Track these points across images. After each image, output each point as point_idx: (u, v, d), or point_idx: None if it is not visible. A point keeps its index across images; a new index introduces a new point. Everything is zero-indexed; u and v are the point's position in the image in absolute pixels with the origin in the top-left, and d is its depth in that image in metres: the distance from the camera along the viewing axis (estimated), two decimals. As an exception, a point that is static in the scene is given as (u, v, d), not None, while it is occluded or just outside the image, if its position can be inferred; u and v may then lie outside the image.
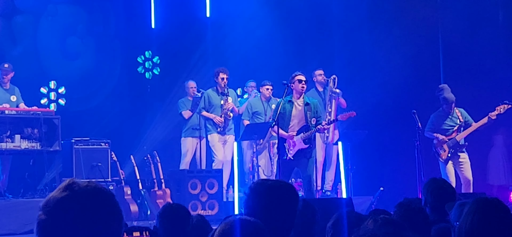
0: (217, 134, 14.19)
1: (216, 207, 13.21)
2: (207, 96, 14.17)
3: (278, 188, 4.29)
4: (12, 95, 13.24)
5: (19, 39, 15.47)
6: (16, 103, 13.16)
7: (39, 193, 12.86)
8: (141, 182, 13.68)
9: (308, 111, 12.01)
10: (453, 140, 13.65)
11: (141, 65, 16.77)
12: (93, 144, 13.49)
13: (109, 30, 16.26)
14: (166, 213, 5.74)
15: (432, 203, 5.96)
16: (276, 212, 4.10)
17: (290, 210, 4.23)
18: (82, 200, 2.43)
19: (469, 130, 13.63)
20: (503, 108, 13.44)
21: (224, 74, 14.08)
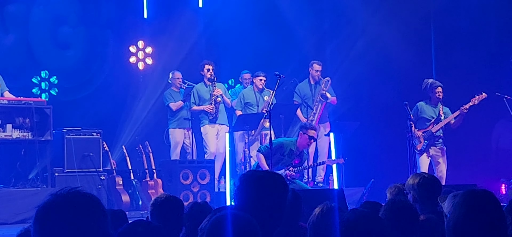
0: (210, 125, 14.19)
1: (208, 197, 13.20)
2: (196, 91, 14.18)
3: (268, 179, 4.29)
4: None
5: (11, 28, 15.42)
6: (1, 92, 13.10)
7: (30, 183, 12.83)
8: (132, 172, 13.68)
9: None
10: (429, 132, 13.74)
11: (133, 55, 16.72)
12: (84, 134, 13.47)
13: (101, 19, 16.21)
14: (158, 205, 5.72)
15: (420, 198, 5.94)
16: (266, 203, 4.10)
17: (280, 201, 4.23)
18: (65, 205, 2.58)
19: (443, 122, 13.75)
20: (477, 99, 13.56)
21: (210, 65, 14.11)
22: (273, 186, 4.25)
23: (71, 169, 13.07)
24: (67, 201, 2.57)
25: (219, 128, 14.31)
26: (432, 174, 6.50)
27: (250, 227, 3.54)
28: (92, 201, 2.61)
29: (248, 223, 3.55)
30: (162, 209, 5.58)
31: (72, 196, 2.59)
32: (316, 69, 14.75)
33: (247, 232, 3.52)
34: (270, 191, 4.20)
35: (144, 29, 16.79)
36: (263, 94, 14.47)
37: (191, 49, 16.18)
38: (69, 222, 2.53)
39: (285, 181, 4.39)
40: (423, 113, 13.87)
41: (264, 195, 4.15)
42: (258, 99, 14.44)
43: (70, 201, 2.57)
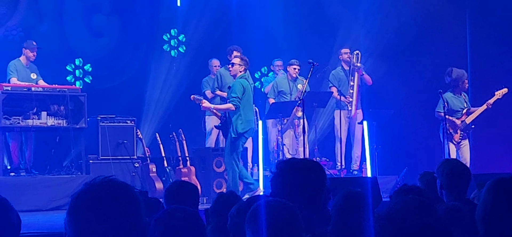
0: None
1: (241, 185, 13.21)
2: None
3: (304, 166, 4.27)
4: (32, 73, 13.29)
5: (46, 16, 15.52)
6: (35, 80, 13.21)
7: (65, 170, 12.95)
8: (166, 159, 13.73)
9: None
10: (464, 122, 13.67)
11: (166, 43, 16.77)
12: (119, 121, 13.55)
13: (135, 7, 16.27)
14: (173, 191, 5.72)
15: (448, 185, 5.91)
16: (302, 190, 4.09)
17: (317, 188, 4.21)
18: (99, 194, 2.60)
19: (476, 114, 13.67)
20: (500, 94, 13.48)
21: (237, 51, 14.07)
22: (309, 173, 4.24)
23: (105, 157, 13.15)
24: (101, 190, 2.59)
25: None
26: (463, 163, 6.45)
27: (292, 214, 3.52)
28: (125, 190, 2.62)
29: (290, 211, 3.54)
30: (177, 195, 5.58)
31: (105, 185, 2.60)
32: (345, 52, 14.75)
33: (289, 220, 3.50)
34: (307, 178, 4.19)
35: (177, 17, 16.82)
36: (296, 82, 14.45)
37: (224, 37, 16.18)
38: (103, 211, 2.54)
39: (322, 168, 4.38)
40: (452, 105, 13.78)
41: (301, 182, 4.14)
42: (292, 87, 14.42)
43: (104, 190, 2.59)
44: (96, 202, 2.56)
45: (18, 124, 12.44)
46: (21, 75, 13.08)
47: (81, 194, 2.59)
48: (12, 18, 15.17)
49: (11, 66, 13.11)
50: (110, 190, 2.60)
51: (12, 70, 13.07)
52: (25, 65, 13.24)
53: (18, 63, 13.19)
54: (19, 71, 13.10)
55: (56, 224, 9.40)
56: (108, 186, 2.61)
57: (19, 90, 12.52)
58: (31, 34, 14.46)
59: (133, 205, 2.61)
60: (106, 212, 2.55)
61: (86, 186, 2.61)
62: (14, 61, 13.20)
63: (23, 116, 12.49)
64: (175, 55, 16.76)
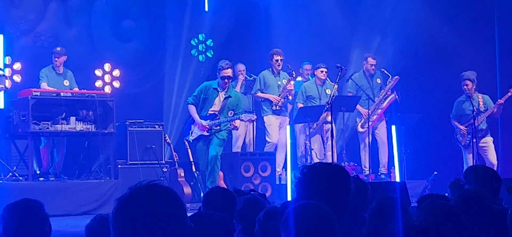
0: (273, 115, 14.18)
1: (269, 190, 13.21)
2: (262, 77, 14.18)
3: (328, 171, 4.26)
4: (65, 79, 13.36)
5: (74, 21, 15.61)
6: (69, 87, 13.29)
7: (93, 175, 13.01)
8: (194, 164, 13.73)
9: (225, 104, 12.21)
10: (472, 125, 13.58)
11: (194, 48, 16.80)
12: (147, 126, 13.60)
13: (163, 13, 16.33)
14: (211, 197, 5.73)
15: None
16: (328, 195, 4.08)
17: (343, 192, 4.20)
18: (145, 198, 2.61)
19: (485, 115, 13.64)
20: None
21: (278, 56, 14.09)
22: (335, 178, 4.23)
23: (134, 161, 13.20)
24: (147, 194, 2.60)
25: (282, 119, 14.28)
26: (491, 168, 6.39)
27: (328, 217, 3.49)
28: (170, 194, 2.64)
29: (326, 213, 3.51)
30: (215, 201, 5.58)
31: (151, 189, 2.62)
32: (371, 63, 14.70)
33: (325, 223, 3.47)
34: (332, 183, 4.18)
35: (204, 22, 16.85)
36: (325, 86, 14.41)
37: (251, 41, 16.19)
38: (149, 214, 2.55)
39: (347, 173, 4.37)
40: (459, 109, 13.77)
41: (326, 187, 4.13)
42: (320, 92, 14.39)
43: (150, 194, 2.60)
44: (142, 205, 2.58)
45: (47, 129, 12.51)
46: (52, 81, 13.18)
47: (127, 198, 2.61)
48: (41, 24, 15.27)
49: (42, 72, 13.21)
50: (156, 194, 2.61)
51: (42, 76, 13.17)
52: (58, 71, 13.32)
53: (49, 70, 13.28)
54: (50, 77, 13.19)
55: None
56: (154, 190, 2.62)
57: (48, 95, 12.59)
58: (60, 39, 14.55)
59: (178, 210, 2.63)
60: (152, 216, 2.56)
61: (132, 190, 2.62)
62: (45, 68, 13.31)
63: (52, 121, 12.56)
64: (203, 59, 16.79)
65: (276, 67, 14.11)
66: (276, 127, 14.26)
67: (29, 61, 14.42)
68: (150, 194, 2.60)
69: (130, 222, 2.56)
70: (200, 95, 12.14)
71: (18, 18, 15.00)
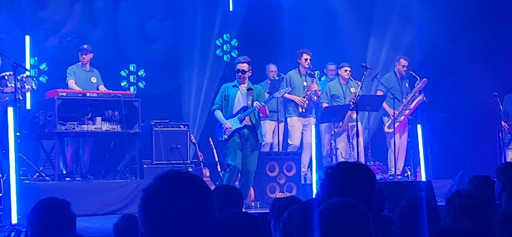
0: (297, 117, 14.15)
1: (294, 189, 13.20)
2: (289, 78, 14.13)
3: (354, 170, 4.27)
4: (92, 77, 13.43)
5: (100, 22, 15.70)
6: (96, 84, 13.36)
7: (119, 175, 13.06)
8: (219, 164, 13.75)
9: (249, 95, 11.82)
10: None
11: (219, 48, 16.83)
12: (172, 126, 13.63)
13: (188, 13, 16.36)
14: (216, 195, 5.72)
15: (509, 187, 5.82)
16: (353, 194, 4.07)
17: (367, 191, 4.20)
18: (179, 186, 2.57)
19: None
20: None
21: (308, 55, 14.04)
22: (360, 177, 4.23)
23: (159, 161, 13.24)
24: (177, 181, 2.56)
25: (307, 120, 14.24)
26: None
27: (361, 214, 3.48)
28: (200, 183, 2.60)
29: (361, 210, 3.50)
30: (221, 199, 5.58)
31: (182, 177, 2.58)
32: (403, 65, 14.63)
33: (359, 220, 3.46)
34: (357, 182, 4.18)
35: (229, 22, 16.87)
36: (349, 85, 14.38)
37: (276, 41, 16.19)
38: (179, 202, 2.52)
39: (372, 172, 4.36)
40: (506, 107, 13.65)
41: (351, 186, 4.13)
42: (345, 91, 14.36)
43: (180, 182, 2.56)
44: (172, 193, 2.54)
45: (73, 129, 12.58)
46: (80, 79, 13.24)
47: (156, 185, 2.57)
48: (67, 25, 15.37)
49: (69, 69, 13.29)
50: (186, 182, 2.57)
51: (69, 73, 13.24)
52: (85, 69, 13.39)
53: (77, 67, 13.36)
54: (78, 75, 13.26)
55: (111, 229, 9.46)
56: (185, 178, 2.59)
57: (74, 96, 12.65)
58: (85, 40, 14.63)
59: (207, 199, 2.59)
60: (181, 203, 2.52)
61: (161, 178, 2.58)
62: (72, 66, 13.38)
63: (78, 121, 12.63)
64: (228, 60, 16.81)
65: (305, 66, 14.05)
66: (298, 130, 14.21)
67: (55, 61, 14.52)
68: (180, 181, 2.57)
69: (158, 209, 2.52)
70: (222, 98, 11.90)
71: (44, 19, 15.11)
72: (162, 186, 2.56)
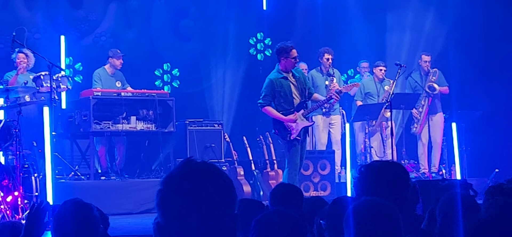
0: (321, 116, 14.09)
1: (328, 188, 13.19)
2: (311, 77, 14.09)
3: (388, 169, 4.26)
4: (117, 81, 13.46)
5: (134, 22, 15.78)
6: (121, 88, 13.38)
7: (154, 174, 13.13)
8: (253, 163, 13.76)
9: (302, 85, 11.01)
10: None
11: (253, 47, 16.85)
12: (206, 125, 13.67)
13: (221, 12, 16.39)
14: (279, 193, 5.74)
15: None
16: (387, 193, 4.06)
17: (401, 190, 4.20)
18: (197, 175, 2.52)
19: None
20: None
21: (329, 54, 13.97)
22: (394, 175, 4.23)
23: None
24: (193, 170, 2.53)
25: (331, 118, 14.16)
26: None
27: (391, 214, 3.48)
28: (223, 175, 2.57)
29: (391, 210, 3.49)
30: (283, 199, 5.59)
31: (198, 166, 2.55)
32: (425, 60, 14.55)
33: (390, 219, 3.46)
34: (391, 181, 4.18)
35: (263, 21, 16.88)
36: (383, 83, 14.34)
37: (310, 39, 16.17)
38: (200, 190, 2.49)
39: (406, 171, 4.35)
40: None
41: (385, 185, 4.13)
42: (379, 89, 14.31)
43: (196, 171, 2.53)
44: (193, 181, 2.51)
45: (108, 128, 12.66)
46: (106, 84, 13.28)
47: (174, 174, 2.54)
48: (101, 25, 15.47)
49: (95, 75, 13.32)
50: (203, 172, 2.54)
51: (96, 80, 13.27)
52: (110, 73, 13.44)
53: (103, 72, 13.39)
54: (103, 80, 13.30)
55: (146, 227, 9.52)
56: (202, 168, 2.55)
57: (109, 95, 12.74)
58: (119, 40, 14.72)
59: (225, 191, 2.56)
60: (197, 193, 2.49)
61: (179, 167, 2.55)
62: (98, 70, 13.39)
63: (113, 121, 12.72)
64: (262, 58, 16.83)
65: (326, 66, 13.98)
66: (322, 128, 14.15)
67: (90, 61, 14.60)
68: (202, 171, 2.54)
69: (174, 197, 2.50)
70: (272, 92, 10.90)
71: (79, 19, 15.23)
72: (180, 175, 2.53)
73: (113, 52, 13.47)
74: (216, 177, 2.55)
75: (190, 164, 2.56)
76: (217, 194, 2.53)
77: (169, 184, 2.53)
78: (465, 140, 14.14)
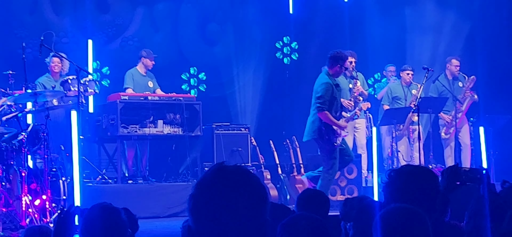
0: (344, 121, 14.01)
1: (355, 192, 13.15)
2: None
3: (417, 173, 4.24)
4: (149, 81, 13.51)
5: (161, 26, 15.83)
6: (153, 89, 13.44)
7: (181, 177, 13.16)
8: (280, 166, 13.76)
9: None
10: None
11: (279, 51, 16.84)
12: (233, 129, 13.69)
13: (248, 16, 16.39)
14: (305, 198, 5.73)
15: None
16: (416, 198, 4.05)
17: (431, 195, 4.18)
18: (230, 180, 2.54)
19: None
20: None
21: (352, 57, 13.89)
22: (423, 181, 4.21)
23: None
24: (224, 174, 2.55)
25: (356, 123, 14.11)
26: None
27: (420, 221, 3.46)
28: (250, 178, 2.58)
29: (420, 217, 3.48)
30: (309, 204, 5.58)
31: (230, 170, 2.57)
32: (455, 65, 14.47)
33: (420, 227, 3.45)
34: (420, 186, 4.16)
35: (290, 25, 16.86)
36: (411, 87, 14.28)
37: (336, 43, 16.13)
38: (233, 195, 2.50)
39: (435, 175, 4.33)
40: None
41: (414, 190, 4.11)
42: (406, 93, 14.25)
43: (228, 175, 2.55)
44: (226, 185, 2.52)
45: (136, 132, 12.71)
46: (138, 84, 13.33)
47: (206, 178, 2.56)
48: (129, 29, 15.53)
49: (128, 76, 13.38)
50: (235, 176, 2.55)
51: (128, 81, 13.33)
52: (142, 73, 13.48)
53: (135, 72, 13.45)
54: (136, 80, 13.35)
55: (174, 231, 9.54)
56: (234, 172, 2.57)
57: (136, 99, 12.78)
58: (146, 43, 14.76)
59: (257, 195, 2.56)
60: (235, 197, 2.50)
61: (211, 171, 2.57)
62: (131, 71, 13.45)
63: (140, 124, 12.76)
64: (288, 62, 16.82)
65: (350, 69, 13.90)
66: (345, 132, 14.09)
67: (117, 65, 14.66)
68: (236, 175, 2.55)
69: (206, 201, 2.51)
70: (330, 97, 11.04)
71: (106, 23, 15.30)
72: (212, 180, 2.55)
73: (146, 52, 13.51)
74: (248, 182, 2.56)
75: (222, 169, 2.58)
76: (249, 199, 2.54)
77: (201, 189, 2.55)
78: (493, 144, 14.05)
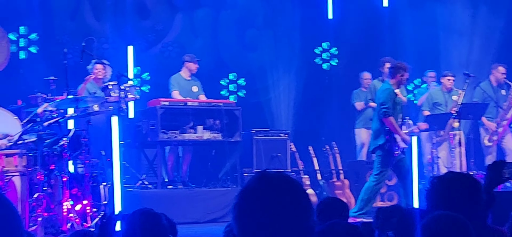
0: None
1: (395, 198, 13.08)
2: (373, 87, 13.98)
3: (460, 180, 4.22)
4: (193, 86, 13.55)
5: (200, 32, 15.88)
6: (197, 94, 13.48)
7: (220, 183, 13.18)
8: (319, 172, 13.74)
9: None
10: None
11: (318, 56, 16.83)
12: (272, 135, 13.69)
13: (287, 21, 16.39)
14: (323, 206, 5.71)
15: None
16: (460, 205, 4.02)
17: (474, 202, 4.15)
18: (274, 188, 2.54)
19: None
20: None
21: (389, 63, 13.84)
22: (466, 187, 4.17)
23: (260, 169, 13.26)
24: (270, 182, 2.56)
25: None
26: None
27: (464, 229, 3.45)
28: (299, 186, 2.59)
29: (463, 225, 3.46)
30: (326, 211, 5.56)
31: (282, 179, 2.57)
32: (502, 72, 14.35)
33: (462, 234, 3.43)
34: (463, 193, 4.13)
35: (329, 30, 16.82)
36: (451, 93, 14.18)
37: (376, 49, 16.07)
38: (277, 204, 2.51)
39: (478, 181, 4.30)
40: None
41: (457, 197, 4.08)
42: (447, 99, 14.15)
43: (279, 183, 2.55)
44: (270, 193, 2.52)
45: (175, 138, 12.75)
46: (183, 88, 13.38)
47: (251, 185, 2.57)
48: (168, 35, 15.61)
49: (173, 80, 13.42)
50: (281, 184, 2.56)
51: (173, 84, 13.37)
52: (187, 78, 13.53)
53: (179, 77, 13.49)
54: (181, 85, 13.40)
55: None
56: (280, 179, 2.57)
57: (176, 105, 12.84)
58: (186, 49, 14.81)
59: (303, 203, 2.57)
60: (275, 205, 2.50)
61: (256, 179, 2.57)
62: (175, 76, 13.50)
63: (180, 130, 12.80)
64: (328, 68, 16.79)
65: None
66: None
67: (157, 71, 14.75)
68: (280, 183, 2.55)
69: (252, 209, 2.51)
70: (393, 104, 11.00)
71: (146, 29, 15.39)
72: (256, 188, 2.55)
73: (190, 57, 13.56)
74: (292, 189, 2.56)
75: (265, 176, 2.58)
76: (293, 206, 2.54)
77: (246, 197, 2.56)
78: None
